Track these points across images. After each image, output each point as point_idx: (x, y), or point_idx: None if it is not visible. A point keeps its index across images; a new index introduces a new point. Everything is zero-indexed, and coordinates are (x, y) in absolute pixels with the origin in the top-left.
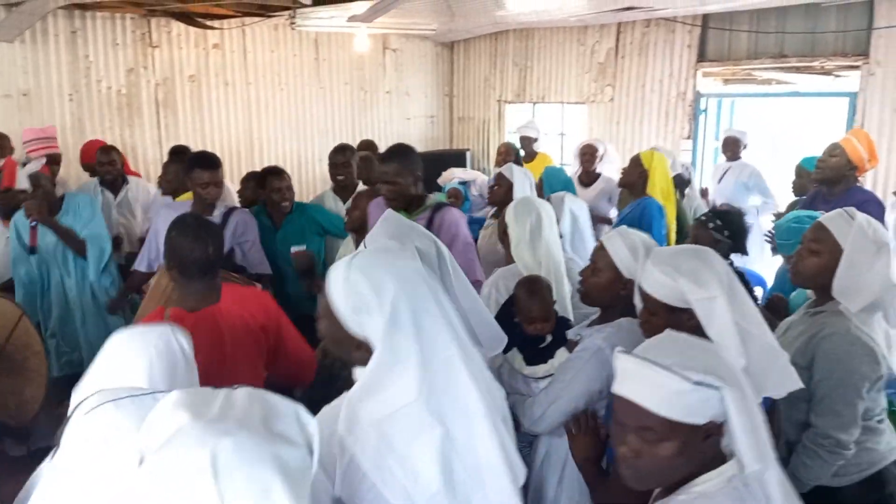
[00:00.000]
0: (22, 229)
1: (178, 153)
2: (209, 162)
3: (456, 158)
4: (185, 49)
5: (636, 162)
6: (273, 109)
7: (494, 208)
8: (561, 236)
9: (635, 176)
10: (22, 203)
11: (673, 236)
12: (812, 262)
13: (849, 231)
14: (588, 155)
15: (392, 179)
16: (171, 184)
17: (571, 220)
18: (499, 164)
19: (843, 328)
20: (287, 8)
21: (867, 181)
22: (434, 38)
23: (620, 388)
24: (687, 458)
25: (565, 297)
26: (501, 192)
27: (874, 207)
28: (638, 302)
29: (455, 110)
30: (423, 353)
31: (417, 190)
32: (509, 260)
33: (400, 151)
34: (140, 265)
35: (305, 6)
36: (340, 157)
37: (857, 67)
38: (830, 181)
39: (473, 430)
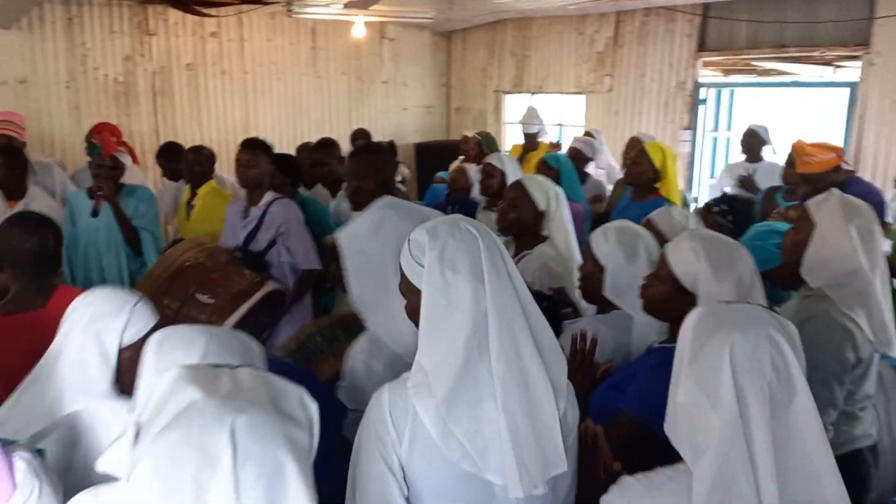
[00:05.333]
0: (79, 204)
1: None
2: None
3: (453, 149)
4: (183, 37)
5: (646, 159)
6: (270, 99)
7: (486, 199)
8: None
9: (648, 175)
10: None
11: None
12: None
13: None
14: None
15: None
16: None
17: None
18: (471, 159)
19: (823, 311)
20: None
21: (875, 172)
22: (431, 28)
23: None
24: None
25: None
26: (495, 183)
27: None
28: None
29: (452, 100)
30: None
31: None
32: (523, 243)
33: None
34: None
35: None
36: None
37: (857, 57)
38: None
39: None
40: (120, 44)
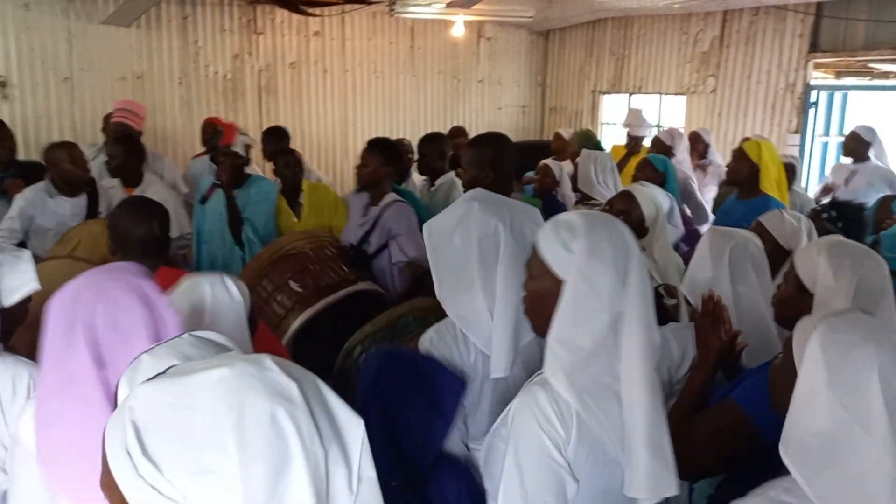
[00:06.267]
0: (203, 185)
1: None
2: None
3: (546, 149)
4: (288, 36)
5: (743, 155)
6: (368, 96)
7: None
8: None
9: (745, 171)
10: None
11: None
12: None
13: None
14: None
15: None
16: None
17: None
18: (565, 156)
19: None
20: None
21: None
22: (529, 27)
23: None
24: None
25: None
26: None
27: None
28: None
29: (547, 100)
30: None
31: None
32: None
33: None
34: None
35: None
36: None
37: None
38: None
39: None
40: (230, 42)
